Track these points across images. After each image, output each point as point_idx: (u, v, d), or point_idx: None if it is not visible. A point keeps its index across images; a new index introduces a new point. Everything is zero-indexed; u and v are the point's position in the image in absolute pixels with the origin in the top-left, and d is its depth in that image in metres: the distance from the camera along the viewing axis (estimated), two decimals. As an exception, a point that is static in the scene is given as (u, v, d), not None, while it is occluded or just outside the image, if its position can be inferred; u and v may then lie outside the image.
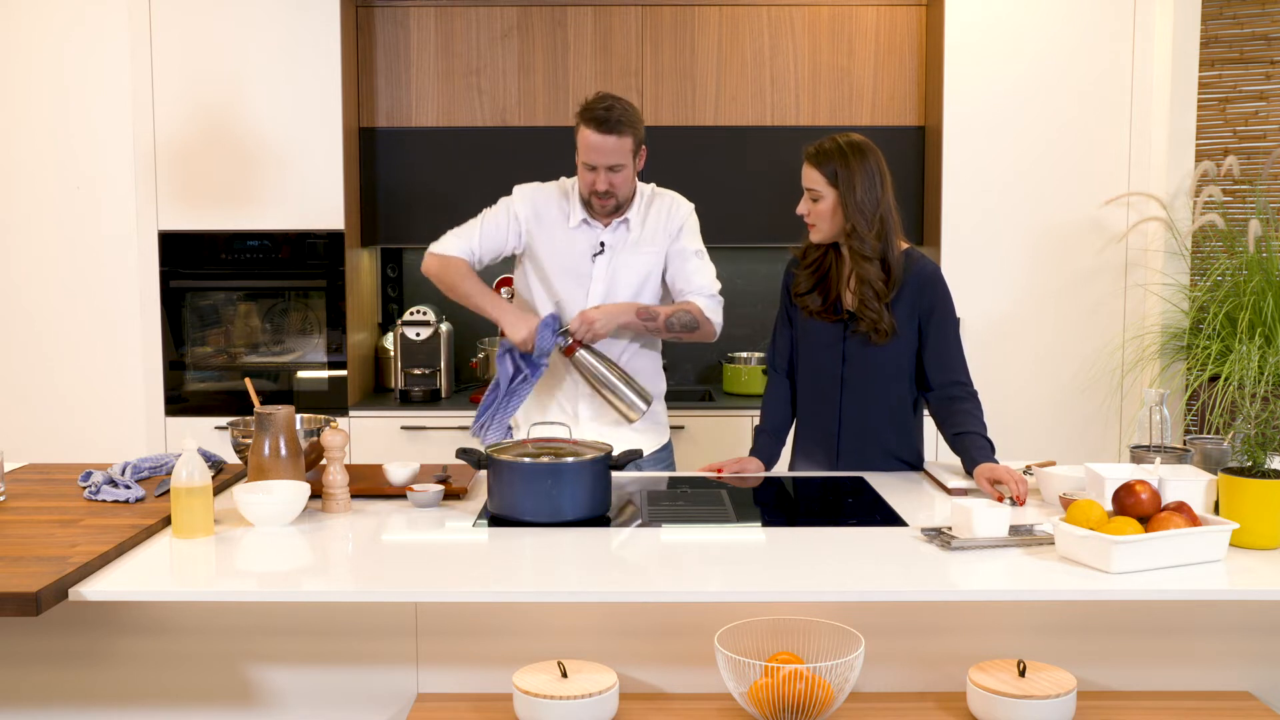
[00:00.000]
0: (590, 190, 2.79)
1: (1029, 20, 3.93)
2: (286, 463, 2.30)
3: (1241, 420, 2.22)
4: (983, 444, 2.56)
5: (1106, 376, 3.98)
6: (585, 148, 2.74)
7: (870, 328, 2.64)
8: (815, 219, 2.66)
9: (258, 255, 3.99)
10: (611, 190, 2.78)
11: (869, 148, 2.64)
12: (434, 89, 4.16)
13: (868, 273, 2.63)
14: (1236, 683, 2.06)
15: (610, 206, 2.83)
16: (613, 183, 2.77)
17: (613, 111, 2.71)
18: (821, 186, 2.63)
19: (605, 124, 2.70)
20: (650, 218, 2.90)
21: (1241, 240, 3.80)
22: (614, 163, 2.74)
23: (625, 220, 2.87)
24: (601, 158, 2.73)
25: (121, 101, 3.91)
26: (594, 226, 2.88)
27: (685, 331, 2.86)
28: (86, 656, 2.05)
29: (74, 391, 4.00)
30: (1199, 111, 4.02)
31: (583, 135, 2.74)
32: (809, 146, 2.67)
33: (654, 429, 2.97)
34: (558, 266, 2.87)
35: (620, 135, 2.72)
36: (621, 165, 2.76)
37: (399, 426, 3.95)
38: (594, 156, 2.74)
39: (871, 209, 2.61)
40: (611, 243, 2.87)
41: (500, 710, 1.94)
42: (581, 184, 2.83)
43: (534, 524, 2.23)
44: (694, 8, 4.13)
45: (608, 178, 2.76)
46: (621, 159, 2.75)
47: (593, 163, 2.75)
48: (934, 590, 1.90)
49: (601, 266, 2.86)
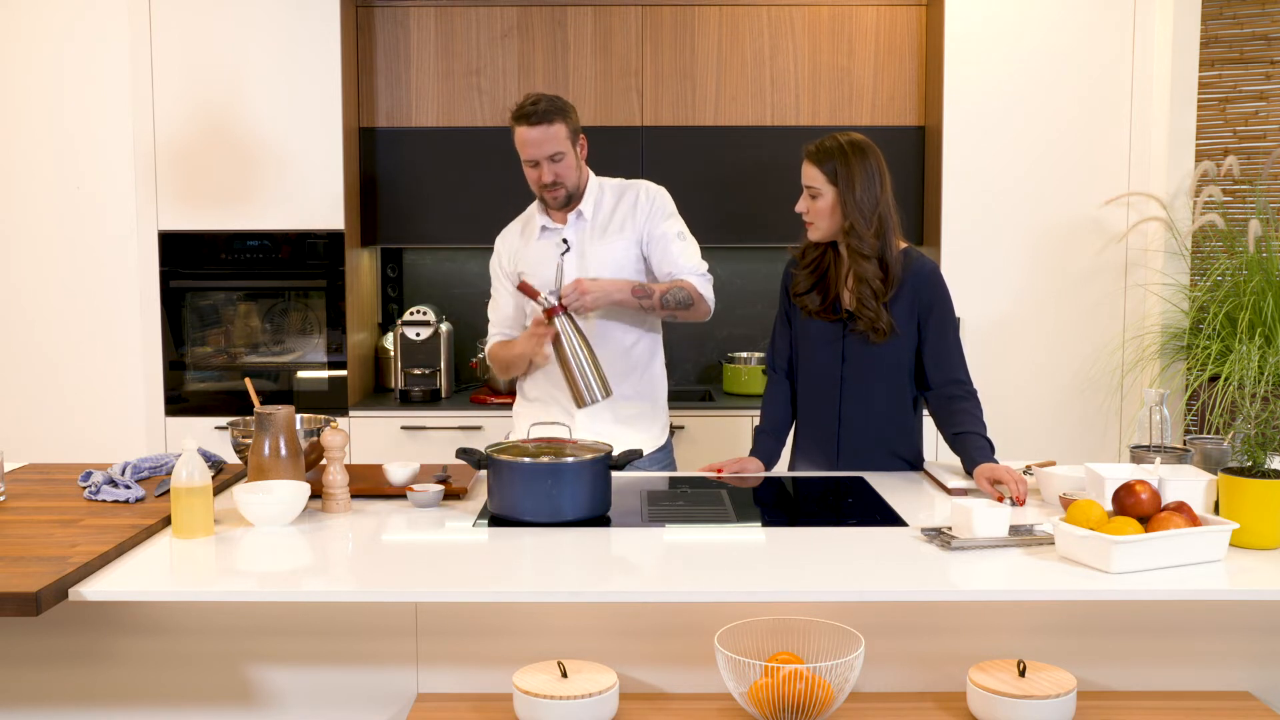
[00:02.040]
0: (539, 185, 2.85)
1: (1029, 20, 3.93)
2: (286, 463, 2.30)
3: (1241, 420, 2.22)
4: (982, 444, 2.56)
5: (1106, 376, 3.98)
6: (521, 145, 2.82)
7: (868, 326, 2.64)
8: (814, 217, 2.66)
9: (258, 255, 3.99)
10: (559, 180, 2.83)
11: (869, 147, 2.64)
12: (434, 89, 4.16)
13: (866, 271, 2.63)
14: (1236, 683, 2.06)
15: (562, 197, 2.86)
16: (557, 173, 2.82)
17: (539, 105, 2.79)
18: (821, 184, 2.63)
19: (532, 117, 2.78)
20: (618, 207, 2.92)
21: (1241, 240, 3.80)
22: (551, 152, 2.80)
23: (579, 212, 2.90)
24: (537, 150, 2.80)
25: (121, 101, 3.91)
26: (554, 229, 2.91)
27: (681, 309, 2.86)
28: (86, 656, 2.05)
29: (74, 391, 4.00)
30: (1199, 111, 4.02)
31: (517, 135, 2.82)
32: (809, 144, 2.68)
33: (654, 428, 2.97)
34: (537, 280, 2.88)
35: (550, 124, 2.79)
36: (560, 153, 2.81)
37: (399, 426, 3.95)
38: (530, 151, 2.81)
39: (870, 207, 2.61)
40: (574, 239, 2.89)
41: (500, 710, 1.94)
42: (530, 183, 2.89)
43: (534, 524, 2.23)
44: (694, 8, 4.13)
45: (551, 169, 2.81)
46: (558, 147, 2.80)
47: (532, 158, 2.82)
48: (934, 590, 1.90)
49: (571, 264, 2.88)
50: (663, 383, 3.02)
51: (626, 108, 4.14)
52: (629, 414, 2.92)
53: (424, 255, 4.50)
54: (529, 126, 2.79)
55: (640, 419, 2.94)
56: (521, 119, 2.80)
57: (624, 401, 2.90)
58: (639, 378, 2.95)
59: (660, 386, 3.01)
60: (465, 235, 4.21)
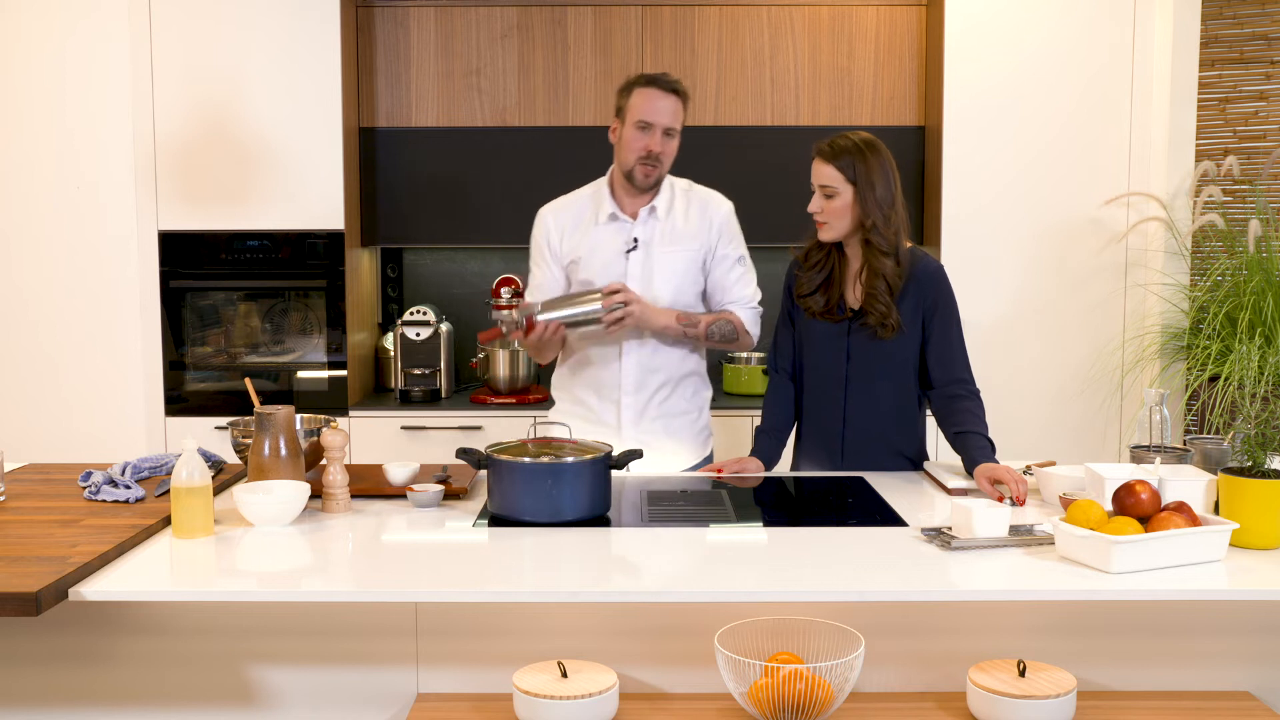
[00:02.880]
0: (643, 152, 2.75)
1: (1029, 20, 3.93)
2: (286, 463, 2.30)
3: (1241, 420, 2.22)
4: (983, 443, 2.56)
5: (1106, 376, 3.98)
6: (642, 108, 2.73)
7: (879, 322, 2.64)
8: (828, 216, 2.65)
9: (258, 255, 3.99)
10: (661, 156, 2.76)
11: (880, 145, 2.65)
12: (434, 89, 4.16)
13: (885, 268, 2.62)
14: (1236, 683, 2.06)
15: (653, 178, 2.79)
16: (664, 149, 2.76)
17: (669, 76, 2.76)
18: (838, 183, 2.62)
19: (665, 84, 2.73)
20: (688, 211, 2.87)
21: (1241, 240, 3.80)
22: (669, 124, 2.75)
23: (654, 209, 2.84)
24: (660, 116, 2.73)
25: (121, 101, 3.91)
26: (624, 221, 2.84)
27: (724, 342, 2.85)
28: (86, 656, 2.05)
29: (74, 391, 4.00)
30: (1199, 111, 4.02)
31: (640, 95, 2.74)
32: (821, 144, 2.66)
33: (700, 439, 2.97)
34: (595, 266, 2.83)
35: (679, 98, 2.75)
36: (675, 130, 2.76)
37: (399, 426, 3.95)
38: (652, 115, 2.73)
39: (889, 204, 2.61)
40: (645, 238, 2.84)
41: (500, 710, 1.94)
42: (629, 150, 2.77)
43: (534, 524, 2.23)
44: (694, 8, 4.13)
45: (662, 141, 2.75)
46: (676, 123, 2.76)
47: (651, 121, 2.73)
48: (934, 590, 1.90)
49: (637, 263, 2.84)
50: (708, 393, 3.01)
51: (626, 108, 4.14)
52: (678, 425, 2.92)
53: (424, 255, 4.50)
54: (662, 92, 2.72)
55: (686, 430, 2.93)
56: (652, 83, 2.73)
57: (673, 417, 2.89)
58: (691, 391, 2.95)
59: (706, 397, 3.00)
60: (465, 235, 4.21)
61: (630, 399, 2.88)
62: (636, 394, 2.88)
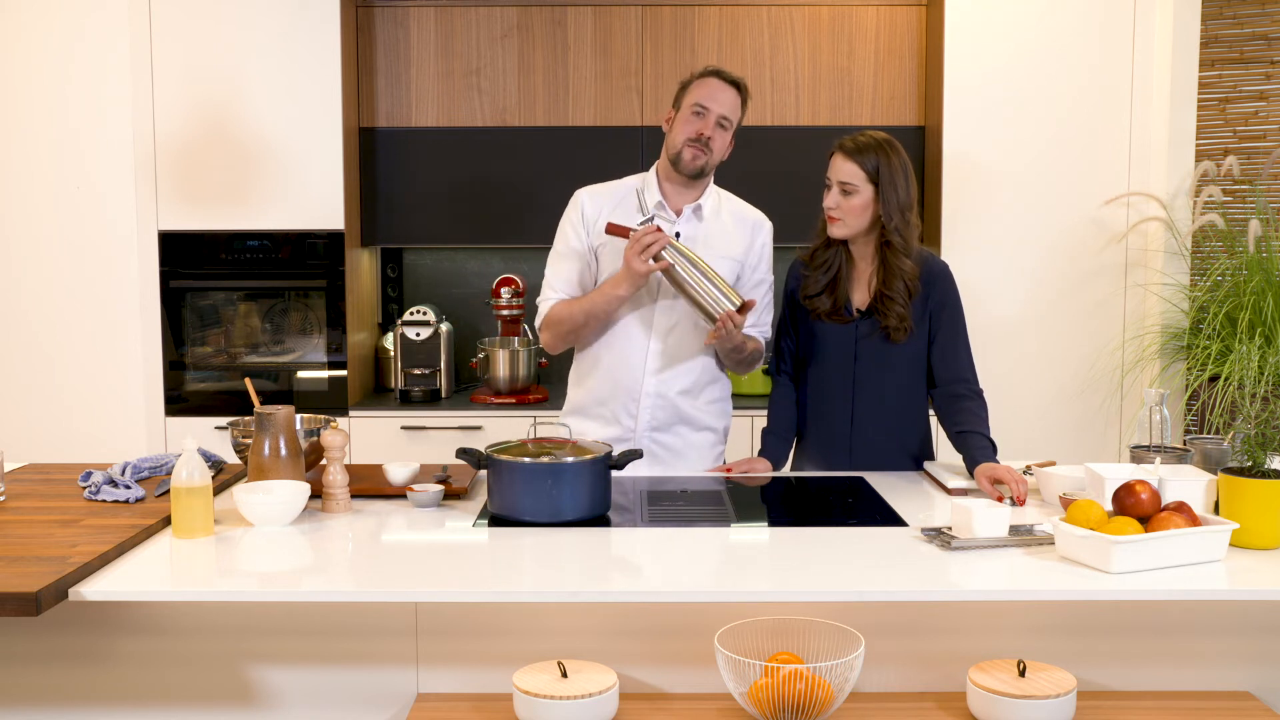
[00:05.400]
0: (694, 134, 2.72)
1: (1029, 20, 3.93)
2: (286, 463, 2.30)
3: (1241, 420, 2.22)
4: (985, 444, 2.56)
5: (1106, 376, 3.98)
6: (701, 94, 2.72)
7: (895, 324, 2.64)
8: (844, 213, 2.63)
9: (258, 255, 3.99)
10: (711, 143, 2.73)
11: (900, 146, 2.65)
12: (434, 89, 4.16)
13: (904, 268, 2.62)
14: (1236, 683, 2.06)
15: (700, 162, 2.74)
16: (716, 137, 2.74)
17: (733, 72, 2.76)
18: (860, 181, 2.61)
19: (727, 76, 2.74)
20: (734, 227, 2.84)
21: (1241, 240, 3.80)
22: (725, 114, 2.73)
23: (699, 208, 2.80)
24: (718, 104, 2.72)
25: (121, 101, 3.91)
26: (667, 217, 2.80)
27: (741, 363, 2.83)
28: (86, 656, 2.05)
29: (74, 391, 4.00)
30: (1199, 111, 4.02)
31: (701, 83, 2.74)
32: (844, 140, 2.64)
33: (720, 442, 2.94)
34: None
35: (740, 95, 2.75)
36: (730, 121, 2.74)
37: (399, 426, 3.95)
38: (710, 100, 2.71)
39: (908, 204, 2.62)
40: (687, 235, 2.79)
41: (500, 710, 1.94)
42: (680, 131, 2.75)
43: (534, 524, 2.23)
44: (694, 8, 4.13)
45: (715, 128, 2.73)
46: (733, 115, 2.74)
47: (707, 104, 2.72)
48: (934, 590, 1.90)
49: None
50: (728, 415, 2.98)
51: (626, 108, 4.14)
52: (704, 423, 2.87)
53: (424, 255, 4.50)
54: (723, 82, 2.73)
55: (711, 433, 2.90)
56: (716, 74, 2.74)
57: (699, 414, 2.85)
58: (719, 388, 2.92)
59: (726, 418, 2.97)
60: (465, 235, 4.21)
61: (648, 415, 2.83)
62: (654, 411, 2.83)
